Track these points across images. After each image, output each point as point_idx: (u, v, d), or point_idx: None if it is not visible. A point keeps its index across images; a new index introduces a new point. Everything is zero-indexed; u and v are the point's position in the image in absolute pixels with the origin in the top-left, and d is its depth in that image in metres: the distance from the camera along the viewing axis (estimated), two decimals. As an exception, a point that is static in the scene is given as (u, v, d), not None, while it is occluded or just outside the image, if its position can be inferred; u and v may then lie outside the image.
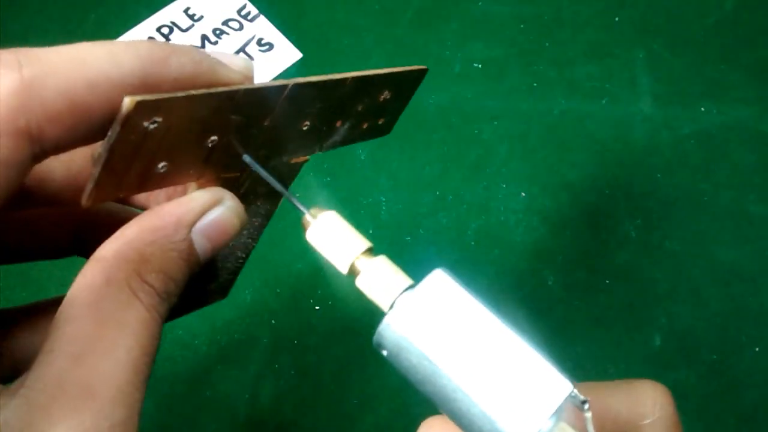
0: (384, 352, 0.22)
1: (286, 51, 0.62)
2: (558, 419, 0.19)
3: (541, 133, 0.58)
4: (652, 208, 0.55)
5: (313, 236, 0.24)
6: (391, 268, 0.23)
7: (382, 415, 0.48)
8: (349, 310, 0.51)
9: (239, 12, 0.64)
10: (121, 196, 0.22)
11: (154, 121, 0.20)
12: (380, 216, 0.55)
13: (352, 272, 0.23)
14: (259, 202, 0.28)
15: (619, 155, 0.57)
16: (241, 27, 0.63)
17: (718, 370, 0.50)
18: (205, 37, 0.62)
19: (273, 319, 0.51)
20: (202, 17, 0.64)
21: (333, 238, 0.23)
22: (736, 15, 0.64)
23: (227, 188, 0.24)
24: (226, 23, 0.63)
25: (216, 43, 0.62)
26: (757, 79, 0.60)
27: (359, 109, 0.28)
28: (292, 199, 0.25)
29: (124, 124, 0.19)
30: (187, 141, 0.22)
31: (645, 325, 0.51)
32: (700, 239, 0.54)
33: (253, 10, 0.64)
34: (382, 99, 0.28)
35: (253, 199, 0.27)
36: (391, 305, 0.22)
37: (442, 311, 0.21)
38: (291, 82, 0.23)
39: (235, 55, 0.24)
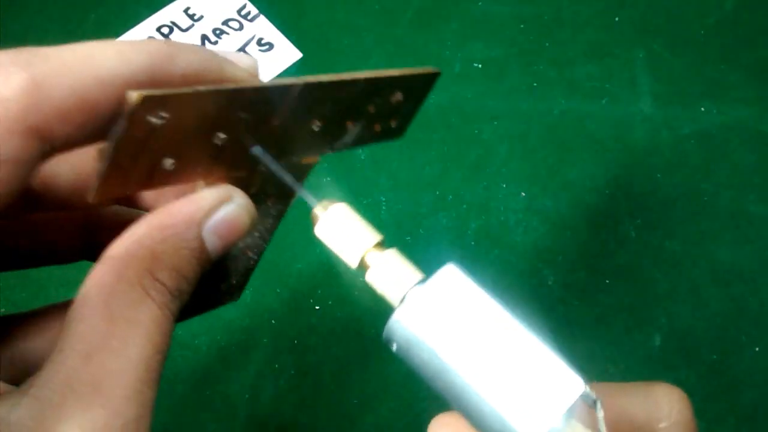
0: (393, 347, 0.21)
1: (286, 51, 0.62)
2: (570, 417, 0.19)
3: (541, 133, 0.58)
4: (652, 208, 0.55)
5: (322, 229, 0.23)
6: (401, 262, 0.23)
7: (382, 415, 0.48)
8: (350, 310, 0.51)
9: (239, 12, 0.64)
10: (128, 193, 0.21)
11: (161, 117, 0.20)
12: (380, 216, 0.55)
13: (361, 266, 0.23)
14: (270, 203, 0.27)
15: (619, 155, 0.58)
16: (241, 27, 0.63)
17: (718, 370, 0.50)
18: (205, 37, 0.62)
19: (273, 319, 0.51)
20: (202, 17, 0.63)
21: (343, 230, 0.23)
22: (736, 15, 0.64)
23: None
24: (226, 23, 0.63)
25: (216, 43, 0.62)
26: (757, 79, 0.61)
27: (371, 110, 0.27)
28: (301, 192, 0.24)
29: (130, 119, 0.19)
30: (195, 138, 0.22)
31: (645, 325, 0.51)
32: (700, 239, 0.54)
33: (253, 10, 0.64)
34: (394, 101, 0.28)
35: (264, 199, 0.27)
36: (402, 299, 0.22)
37: (454, 306, 0.21)
38: (301, 80, 0.23)
39: (242, 53, 0.24)
